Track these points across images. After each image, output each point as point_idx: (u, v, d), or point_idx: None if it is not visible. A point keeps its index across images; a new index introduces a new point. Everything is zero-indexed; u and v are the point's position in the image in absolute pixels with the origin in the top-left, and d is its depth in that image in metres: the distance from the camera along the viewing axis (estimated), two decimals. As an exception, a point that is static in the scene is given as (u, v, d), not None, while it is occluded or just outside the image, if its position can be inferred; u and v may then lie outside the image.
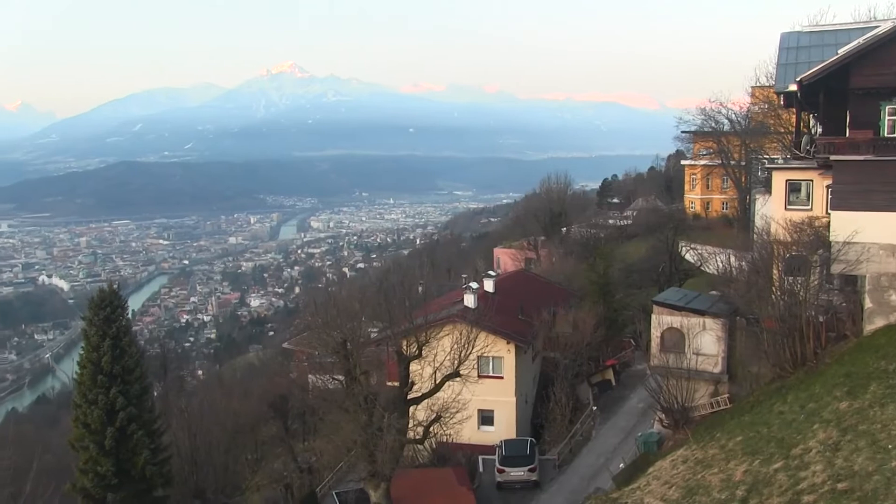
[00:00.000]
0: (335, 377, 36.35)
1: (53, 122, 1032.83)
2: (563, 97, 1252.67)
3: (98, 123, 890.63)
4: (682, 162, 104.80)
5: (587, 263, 64.68)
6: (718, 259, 56.01)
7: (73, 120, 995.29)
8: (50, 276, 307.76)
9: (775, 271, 33.49)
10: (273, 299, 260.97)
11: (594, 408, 45.64)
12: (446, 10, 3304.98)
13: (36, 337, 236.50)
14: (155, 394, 42.35)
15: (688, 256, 73.02)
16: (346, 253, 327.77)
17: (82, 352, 35.65)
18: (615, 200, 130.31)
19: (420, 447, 38.90)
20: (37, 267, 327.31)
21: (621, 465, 34.90)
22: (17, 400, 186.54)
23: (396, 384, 35.55)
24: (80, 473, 34.20)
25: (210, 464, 44.93)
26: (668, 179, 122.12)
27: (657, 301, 39.40)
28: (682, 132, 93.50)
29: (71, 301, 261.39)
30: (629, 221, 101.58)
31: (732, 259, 47.99)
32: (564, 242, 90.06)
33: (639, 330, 54.27)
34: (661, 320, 37.88)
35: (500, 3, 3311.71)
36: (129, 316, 38.50)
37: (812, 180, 36.48)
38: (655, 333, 38.07)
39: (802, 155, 36.53)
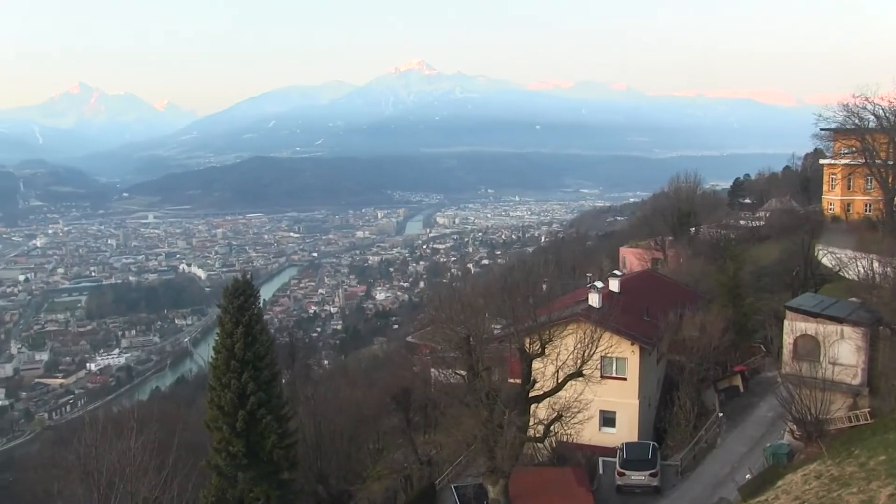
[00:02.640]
0: (457, 372, 36.81)
1: (195, 119, 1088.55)
2: (695, 94, 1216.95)
3: (235, 120, 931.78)
4: (821, 161, 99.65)
5: (716, 265, 62.67)
6: (860, 264, 52.99)
7: (212, 117, 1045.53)
8: (189, 265, 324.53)
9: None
10: (398, 293, 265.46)
11: (720, 414, 44.20)
12: (575, 6, 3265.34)
13: (176, 322, 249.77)
14: (283, 381, 43.83)
15: (825, 261, 69.47)
16: (470, 249, 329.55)
17: (217, 338, 37.07)
18: (747, 201, 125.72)
19: (540, 445, 38.80)
20: (178, 256, 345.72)
21: (748, 475, 33.67)
22: (159, 380, 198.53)
23: (518, 381, 35.60)
24: (214, 452, 35.78)
25: (333, 451, 46.17)
26: (804, 179, 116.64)
27: (791, 306, 37.89)
28: (822, 129, 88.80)
29: (208, 289, 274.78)
30: (761, 223, 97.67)
31: (876, 264, 45.47)
32: (693, 243, 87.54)
33: (770, 336, 52.40)
34: (795, 327, 36.41)
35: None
36: (261, 305, 39.97)
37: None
38: (788, 340, 36.62)
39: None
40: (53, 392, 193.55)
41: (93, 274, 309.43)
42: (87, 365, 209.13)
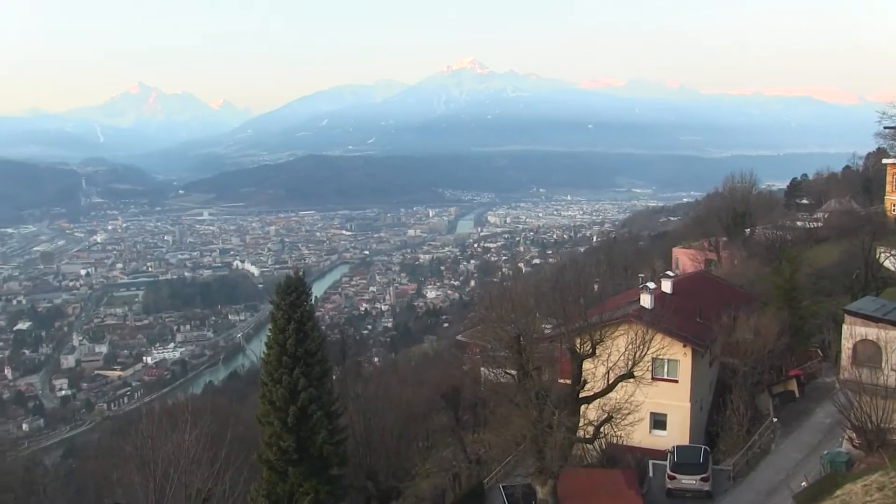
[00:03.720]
0: (507, 371, 36.72)
1: (249, 118, 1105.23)
2: (751, 92, 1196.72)
3: (288, 119, 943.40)
4: (884, 161, 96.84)
5: (772, 267, 61.44)
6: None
7: (266, 116, 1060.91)
8: (243, 262, 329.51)
9: None
10: (449, 291, 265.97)
11: (774, 419, 43.29)
12: (629, 4, 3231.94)
13: (230, 317, 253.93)
14: (334, 378, 44.19)
15: (887, 264, 67.65)
16: (521, 248, 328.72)
17: (269, 333, 37.43)
18: (804, 201, 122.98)
19: (589, 447, 38.47)
20: (232, 252, 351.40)
21: (803, 483, 32.88)
22: (213, 374, 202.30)
23: (568, 382, 35.39)
24: (266, 446, 36.21)
25: (383, 448, 46.49)
26: (866, 180, 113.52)
27: (850, 310, 36.90)
28: (886, 128, 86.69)
29: (260, 285, 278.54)
30: (819, 224, 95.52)
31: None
32: (747, 244, 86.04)
33: (827, 340, 51.26)
34: (854, 331, 35.44)
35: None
36: (313, 302, 40.27)
37: None
38: (847, 345, 35.68)
39: None
40: (112, 384, 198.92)
41: (150, 269, 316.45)
42: (144, 358, 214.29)
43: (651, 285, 48.08)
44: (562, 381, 38.96)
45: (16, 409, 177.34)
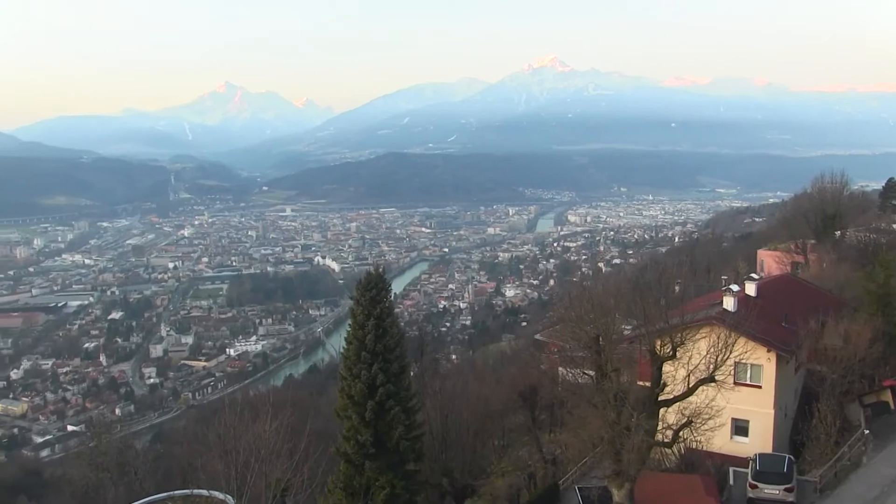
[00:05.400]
0: (586, 372, 36.34)
1: (332, 116, 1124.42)
2: (844, 88, 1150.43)
3: (370, 117, 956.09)
4: None
5: (864, 271, 59.10)
6: None
7: (348, 114, 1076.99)
8: (324, 258, 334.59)
9: None
10: (527, 290, 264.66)
11: (866, 431, 41.60)
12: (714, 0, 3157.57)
13: (310, 312, 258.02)
14: (412, 374, 44.45)
15: None
16: (602, 248, 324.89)
17: (349, 329, 37.69)
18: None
19: (668, 451, 37.75)
20: (313, 248, 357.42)
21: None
22: (293, 367, 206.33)
23: (647, 384, 34.84)
24: (344, 440, 36.66)
25: (459, 445, 46.53)
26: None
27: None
28: None
29: (341, 281, 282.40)
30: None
31: None
32: (837, 247, 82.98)
33: (925, 349, 49.00)
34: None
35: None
36: (392, 298, 40.57)
37: None
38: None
39: None
40: (197, 374, 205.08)
41: (234, 263, 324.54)
42: (227, 350, 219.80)
43: (734, 288, 46.94)
44: (641, 383, 38.32)
45: (109, 395, 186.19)
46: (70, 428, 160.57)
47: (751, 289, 49.05)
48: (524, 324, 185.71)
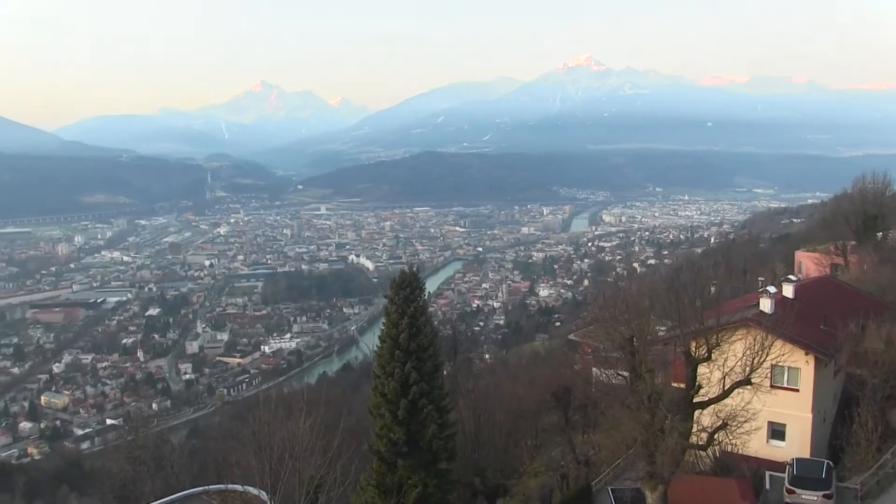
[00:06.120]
0: (619, 373, 36.10)
1: (366, 115, 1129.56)
2: (886, 86, 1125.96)
3: (404, 116, 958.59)
4: None
5: (907, 274, 58.17)
6: None
7: (383, 113, 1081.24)
8: (358, 256, 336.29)
9: None
10: (561, 290, 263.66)
11: (909, 437, 40.80)
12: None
13: (344, 310, 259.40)
14: (445, 373, 44.51)
15: None
16: (636, 248, 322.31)
17: (383, 327, 37.94)
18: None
19: (702, 453, 37.35)
20: (348, 247, 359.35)
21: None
22: (327, 365, 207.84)
23: (682, 386, 34.53)
24: (377, 438, 36.86)
25: (491, 444, 46.50)
26: None
27: None
28: None
29: (375, 280, 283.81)
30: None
31: None
32: (879, 249, 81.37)
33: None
34: None
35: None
36: (426, 297, 40.65)
37: None
38: None
39: None
40: (232, 370, 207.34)
41: (269, 261, 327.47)
42: (262, 347, 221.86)
43: (772, 289, 46.40)
44: (675, 384, 37.97)
45: (146, 390, 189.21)
46: (109, 421, 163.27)
47: (788, 290, 48.36)
48: (558, 324, 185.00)
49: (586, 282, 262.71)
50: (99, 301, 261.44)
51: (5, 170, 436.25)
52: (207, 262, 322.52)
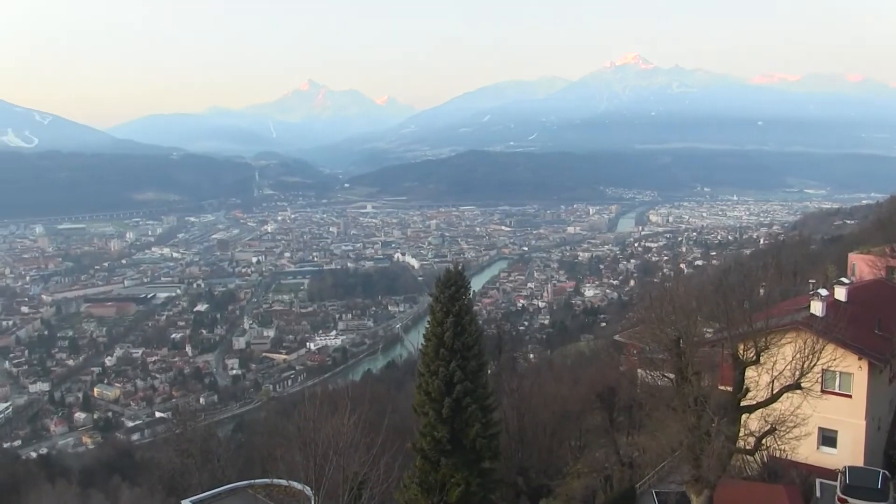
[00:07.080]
0: (665, 374, 35.65)
1: (413, 114, 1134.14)
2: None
3: (451, 115, 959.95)
4: None
5: (966, 277, 56.54)
6: None
7: (429, 112, 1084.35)
8: (404, 254, 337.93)
9: None
10: (607, 290, 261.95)
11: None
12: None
13: (389, 308, 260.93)
14: (489, 372, 44.41)
15: None
16: (684, 249, 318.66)
17: (428, 326, 37.77)
18: None
19: (750, 458, 36.72)
20: (393, 245, 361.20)
21: None
22: (371, 362, 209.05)
23: (729, 389, 33.96)
24: (420, 436, 36.76)
25: (535, 444, 46.34)
26: None
27: None
28: None
29: (420, 278, 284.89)
30: None
31: None
32: (937, 251, 79.47)
33: None
34: None
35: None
36: (471, 296, 40.55)
37: None
38: None
39: None
40: (277, 366, 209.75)
41: (315, 259, 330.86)
42: (308, 344, 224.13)
43: (823, 292, 45.28)
44: (722, 387, 37.37)
45: (194, 384, 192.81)
46: (158, 414, 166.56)
47: (841, 293, 47.24)
48: (603, 324, 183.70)
49: (632, 282, 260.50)
50: (149, 296, 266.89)
51: (62, 168, 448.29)
52: (255, 259, 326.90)
